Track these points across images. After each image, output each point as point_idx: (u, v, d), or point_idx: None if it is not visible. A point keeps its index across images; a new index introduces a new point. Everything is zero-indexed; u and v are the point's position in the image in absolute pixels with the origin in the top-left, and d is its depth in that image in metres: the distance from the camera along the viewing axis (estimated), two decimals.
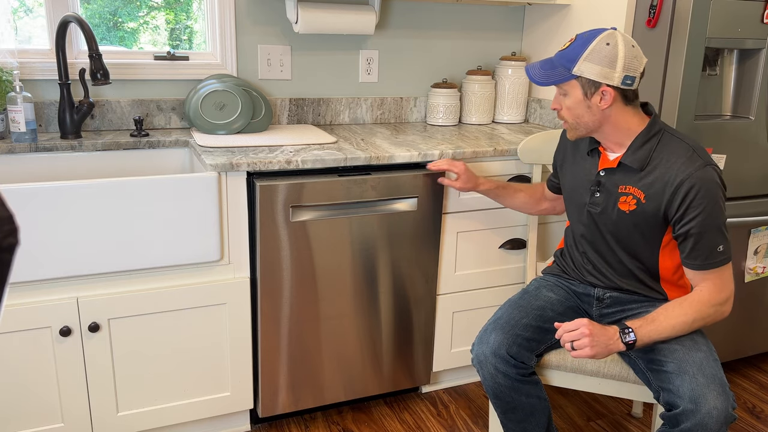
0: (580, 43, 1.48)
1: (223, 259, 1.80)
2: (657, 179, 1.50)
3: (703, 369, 1.41)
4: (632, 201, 1.54)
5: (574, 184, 1.69)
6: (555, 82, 1.52)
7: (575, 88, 1.50)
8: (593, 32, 1.49)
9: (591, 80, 1.47)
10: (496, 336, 1.57)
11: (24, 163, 1.92)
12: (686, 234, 1.48)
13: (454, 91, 2.48)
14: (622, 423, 2.13)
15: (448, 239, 2.07)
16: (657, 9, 2.02)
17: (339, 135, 2.22)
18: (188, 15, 2.29)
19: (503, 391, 1.56)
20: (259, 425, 2.06)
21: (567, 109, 1.54)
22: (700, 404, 1.35)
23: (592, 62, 1.46)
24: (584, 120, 1.53)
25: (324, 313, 1.94)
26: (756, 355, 2.51)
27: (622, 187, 1.56)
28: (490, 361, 1.56)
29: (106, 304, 1.69)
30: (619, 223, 1.57)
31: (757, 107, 2.15)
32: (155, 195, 1.65)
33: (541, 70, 1.55)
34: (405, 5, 2.48)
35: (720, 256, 1.48)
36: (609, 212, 1.59)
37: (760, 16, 2.04)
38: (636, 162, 1.52)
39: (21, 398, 1.67)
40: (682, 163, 1.47)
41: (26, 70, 2.02)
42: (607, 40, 1.46)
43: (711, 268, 1.48)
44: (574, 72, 1.48)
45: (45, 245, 1.58)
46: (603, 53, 1.45)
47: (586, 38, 1.48)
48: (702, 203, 1.44)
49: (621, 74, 1.46)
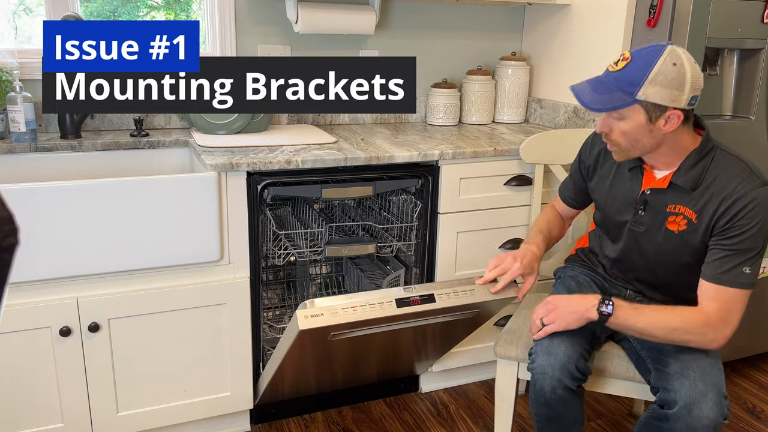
0: (641, 64, 1.34)
1: (223, 259, 1.80)
2: (711, 198, 1.40)
3: (705, 376, 1.39)
4: (682, 221, 1.45)
5: (612, 202, 1.59)
6: (615, 108, 1.37)
7: (637, 113, 1.36)
8: (653, 50, 1.35)
9: (657, 105, 1.34)
10: (566, 348, 1.47)
11: (24, 163, 1.92)
12: (721, 246, 1.39)
13: (454, 91, 2.48)
14: (622, 423, 2.13)
15: (448, 239, 2.07)
16: (657, 9, 2.01)
17: (339, 135, 2.22)
18: (188, 15, 2.29)
19: (558, 401, 1.49)
20: (259, 425, 2.06)
21: (622, 134, 1.41)
22: (693, 410, 1.34)
23: (659, 85, 1.33)
24: (642, 144, 1.41)
25: None
26: (756, 355, 2.51)
27: (671, 206, 1.46)
28: (555, 375, 1.46)
29: (106, 304, 1.68)
30: (665, 243, 1.49)
31: (757, 107, 2.14)
32: (155, 195, 1.65)
33: (595, 94, 1.40)
34: (405, 5, 2.48)
35: (742, 278, 1.37)
36: (654, 232, 1.51)
37: (760, 16, 2.04)
38: (689, 182, 1.42)
39: (21, 398, 1.67)
40: (739, 182, 1.38)
41: (26, 70, 2.02)
42: (672, 59, 1.33)
43: (726, 285, 1.38)
44: (639, 97, 1.34)
45: (45, 245, 1.57)
46: (671, 75, 1.32)
47: (646, 57, 1.34)
48: (751, 223, 1.36)
49: (689, 95, 1.34)
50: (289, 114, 2.38)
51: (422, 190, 2.02)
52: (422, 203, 2.02)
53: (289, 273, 2.41)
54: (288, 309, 2.32)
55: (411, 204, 2.07)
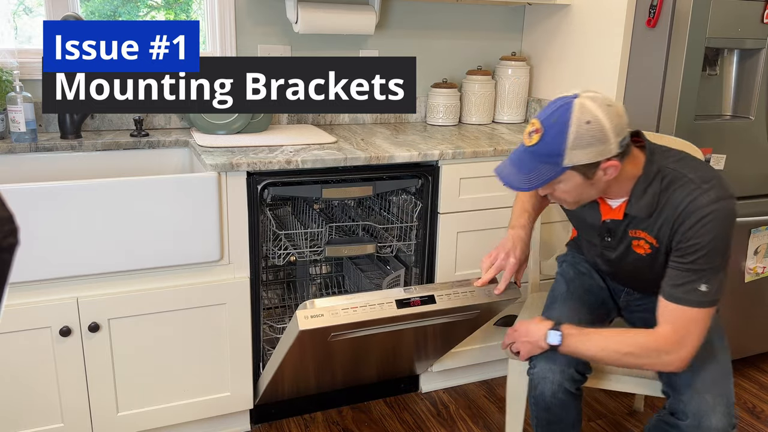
0: (555, 133, 1.27)
1: (223, 259, 1.80)
2: (665, 221, 1.36)
3: (714, 386, 1.38)
4: (645, 245, 1.43)
5: (581, 225, 1.59)
6: (548, 182, 1.32)
7: (572, 177, 1.31)
8: (560, 113, 1.27)
9: (588, 164, 1.28)
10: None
11: (24, 163, 1.92)
12: (675, 264, 1.34)
13: (454, 91, 2.48)
14: (622, 423, 2.13)
15: (448, 239, 2.07)
16: (657, 9, 2.01)
17: (339, 135, 2.22)
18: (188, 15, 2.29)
19: (558, 405, 1.49)
20: (259, 425, 2.06)
21: (565, 193, 1.36)
22: (702, 423, 1.35)
23: (581, 148, 1.26)
24: (587, 195, 1.38)
25: None
26: (756, 355, 2.51)
27: (632, 231, 1.44)
28: (556, 379, 1.46)
29: (106, 304, 1.68)
30: (639, 264, 1.48)
31: (757, 107, 2.14)
32: (155, 195, 1.65)
33: (522, 174, 1.33)
34: (405, 5, 2.48)
35: (697, 296, 1.30)
36: (625, 255, 1.50)
37: (760, 16, 2.04)
38: (642, 210, 1.38)
39: (21, 398, 1.67)
40: (690, 201, 1.31)
41: (26, 70, 2.02)
42: (584, 118, 1.25)
43: (681, 303, 1.31)
44: (566, 165, 1.28)
45: (45, 245, 1.57)
46: (589, 134, 1.25)
47: (557, 124, 1.27)
48: (703, 240, 1.29)
49: (616, 142, 1.27)
50: (289, 114, 2.38)
51: (422, 190, 2.02)
52: (422, 203, 2.02)
53: (289, 273, 2.41)
54: (288, 309, 2.32)
55: (411, 204, 2.07)
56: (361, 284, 2.24)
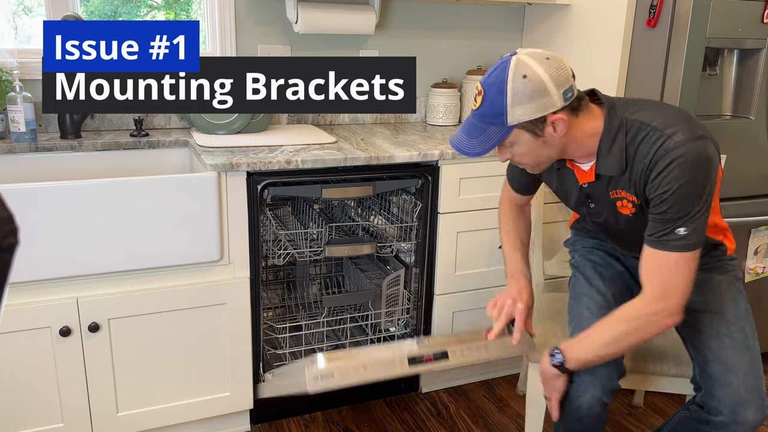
0: (494, 92, 1.26)
1: (223, 259, 1.80)
2: (638, 174, 1.32)
3: (747, 380, 1.37)
4: (627, 204, 1.39)
5: (566, 196, 1.53)
6: (497, 143, 1.30)
7: (521, 135, 1.29)
8: (498, 72, 1.27)
9: (532, 121, 1.26)
10: (605, 365, 1.41)
11: (24, 163, 1.92)
12: (653, 214, 1.30)
13: (454, 91, 2.48)
14: (622, 423, 2.13)
15: (448, 239, 2.07)
16: (657, 9, 2.01)
17: (339, 135, 2.22)
18: (188, 15, 2.29)
19: (592, 417, 1.44)
20: (259, 425, 2.06)
21: (522, 156, 1.34)
22: (737, 419, 1.35)
23: (521, 104, 1.24)
24: (545, 155, 1.34)
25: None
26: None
27: (612, 192, 1.40)
28: (596, 394, 1.41)
29: (106, 304, 1.68)
30: (630, 226, 1.43)
31: (757, 107, 2.14)
32: (155, 195, 1.65)
33: (472, 139, 1.32)
34: (405, 5, 2.48)
35: (675, 239, 1.26)
36: (613, 219, 1.45)
37: (760, 16, 2.04)
38: (613, 168, 1.33)
39: (21, 398, 1.67)
40: (656, 149, 1.27)
41: (26, 70, 2.02)
42: (520, 72, 1.24)
43: (663, 249, 1.28)
44: (510, 123, 1.27)
45: (45, 245, 1.57)
46: (527, 89, 1.23)
47: (496, 84, 1.26)
48: (673, 187, 1.25)
49: (558, 94, 1.24)
50: (289, 114, 2.38)
51: (422, 190, 2.02)
52: (422, 203, 2.02)
53: (289, 273, 2.41)
54: (288, 309, 2.32)
55: (411, 204, 2.07)
56: (361, 284, 2.24)
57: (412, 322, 2.18)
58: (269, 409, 2.05)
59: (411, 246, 2.12)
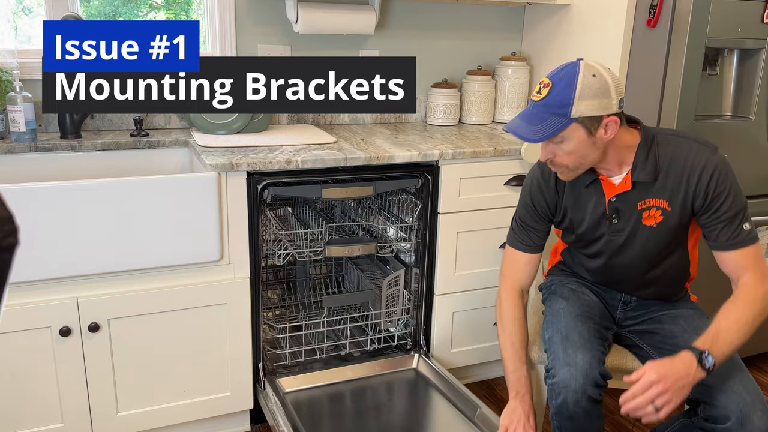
0: (563, 85, 1.38)
1: (223, 259, 1.80)
2: (675, 180, 1.45)
3: (746, 385, 1.38)
4: (657, 213, 1.48)
5: (582, 222, 1.57)
6: (556, 133, 1.39)
7: (576, 131, 1.39)
8: (568, 69, 1.39)
9: (592, 117, 1.38)
10: (583, 356, 1.44)
11: (24, 163, 1.92)
12: (718, 219, 1.43)
13: (454, 91, 2.48)
14: (623, 423, 2.13)
15: (448, 239, 2.07)
16: (657, 9, 2.01)
17: (339, 135, 2.22)
18: (188, 15, 2.29)
19: (582, 414, 1.44)
20: (259, 425, 2.06)
21: (567, 155, 1.43)
22: (746, 424, 1.33)
23: (588, 99, 1.36)
24: (589, 158, 1.44)
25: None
26: (756, 355, 2.51)
27: (641, 203, 1.49)
28: (579, 386, 1.42)
29: (106, 304, 1.68)
30: (648, 241, 1.51)
31: (757, 107, 2.14)
32: (155, 195, 1.65)
33: (532, 126, 1.41)
34: (405, 5, 2.48)
35: (746, 234, 1.43)
36: (633, 235, 1.52)
37: (760, 16, 2.04)
38: (649, 174, 1.46)
39: (21, 398, 1.67)
40: (694, 156, 1.44)
41: (26, 70, 2.02)
42: (590, 72, 1.37)
43: (743, 246, 1.42)
44: (573, 115, 1.37)
45: (45, 245, 1.57)
46: (595, 86, 1.36)
47: (566, 78, 1.38)
48: (725, 187, 1.42)
49: (616, 99, 1.38)
50: (289, 114, 2.38)
51: (422, 190, 2.02)
52: (422, 203, 2.02)
53: (289, 273, 2.41)
54: (288, 309, 2.32)
55: (411, 204, 2.07)
56: (361, 284, 2.24)
57: (412, 322, 2.18)
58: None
59: (411, 246, 2.12)
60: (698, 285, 2.19)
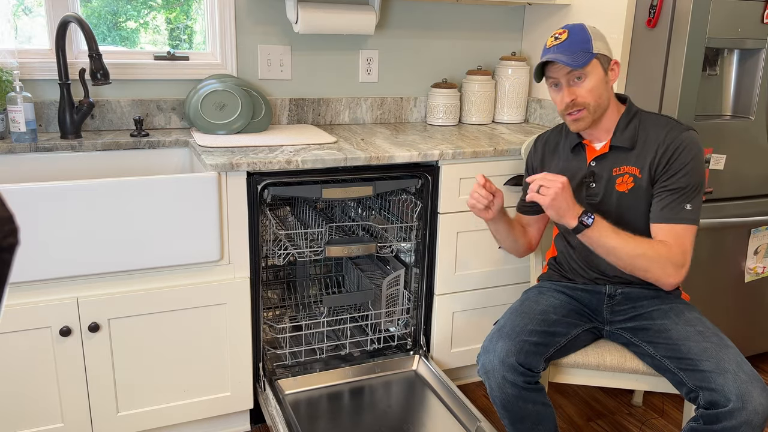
0: (578, 30, 1.56)
1: (223, 259, 1.80)
2: (648, 151, 1.57)
3: (741, 366, 1.40)
4: (629, 179, 1.59)
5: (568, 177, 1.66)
6: (587, 62, 1.54)
7: (596, 67, 1.55)
8: (571, 24, 1.59)
9: (605, 56, 1.56)
10: (503, 344, 1.53)
11: (24, 163, 1.92)
12: (665, 188, 1.53)
13: (454, 91, 2.48)
14: (622, 423, 2.13)
15: (448, 239, 2.07)
16: (657, 9, 2.01)
17: (339, 135, 2.22)
18: (188, 15, 2.29)
19: (511, 401, 1.52)
20: (259, 425, 2.06)
21: (588, 92, 1.56)
22: (747, 402, 1.34)
23: (600, 40, 1.56)
24: (603, 99, 1.58)
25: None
26: (756, 355, 2.51)
27: (615, 169, 1.61)
28: (497, 371, 1.51)
29: (106, 304, 1.69)
30: (621, 206, 1.60)
31: (757, 107, 2.14)
32: (155, 195, 1.65)
33: (567, 54, 1.54)
34: (405, 5, 2.48)
35: (685, 213, 1.51)
36: (608, 198, 1.61)
37: (760, 16, 2.04)
38: (627, 141, 1.59)
39: (21, 398, 1.67)
40: (668, 131, 1.56)
41: (26, 70, 2.02)
42: (591, 25, 1.59)
43: (673, 222, 1.51)
44: (595, 51, 1.54)
45: (45, 245, 1.57)
46: (599, 33, 1.57)
47: (576, 27, 1.57)
48: (685, 161, 1.52)
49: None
50: (289, 114, 2.38)
51: (422, 190, 2.02)
52: (422, 203, 2.02)
53: (289, 273, 2.41)
54: (288, 309, 2.32)
55: (411, 204, 2.07)
56: (361, 284, 2.24)
57: (412, 321, 2.18)
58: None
59: (411, 246, 2.12)
60: (694, 287, 2.19)
